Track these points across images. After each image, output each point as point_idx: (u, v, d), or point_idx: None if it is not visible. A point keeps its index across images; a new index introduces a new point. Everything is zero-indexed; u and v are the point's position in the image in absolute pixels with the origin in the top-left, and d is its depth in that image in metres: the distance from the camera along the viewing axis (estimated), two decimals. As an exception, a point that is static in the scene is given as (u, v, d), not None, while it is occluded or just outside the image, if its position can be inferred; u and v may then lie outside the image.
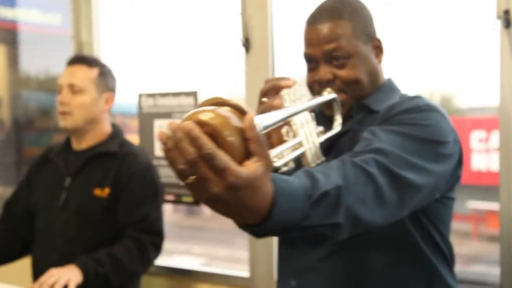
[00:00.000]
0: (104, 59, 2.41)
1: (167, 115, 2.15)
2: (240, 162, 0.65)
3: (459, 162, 1.11)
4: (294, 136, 1.02)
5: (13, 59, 3.38)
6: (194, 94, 2.09)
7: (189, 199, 2.11)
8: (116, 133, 1.85)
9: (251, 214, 0.69)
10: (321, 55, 1.14)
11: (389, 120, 1.08)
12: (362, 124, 1.15)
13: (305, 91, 1.20)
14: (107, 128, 1.84)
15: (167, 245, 1.81)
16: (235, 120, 0.66)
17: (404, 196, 0.95)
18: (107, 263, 1.61)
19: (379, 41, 1.19)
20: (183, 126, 0.62)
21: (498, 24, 1.50)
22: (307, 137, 1.03)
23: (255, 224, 0.72)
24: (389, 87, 1.21)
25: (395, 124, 1.04)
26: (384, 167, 0.92)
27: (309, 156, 1.03)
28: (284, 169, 0.98)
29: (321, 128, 1.10)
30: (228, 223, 0.78)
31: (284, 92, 1.04)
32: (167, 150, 0.63)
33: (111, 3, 2.43)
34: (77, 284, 1.53)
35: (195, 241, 7.69)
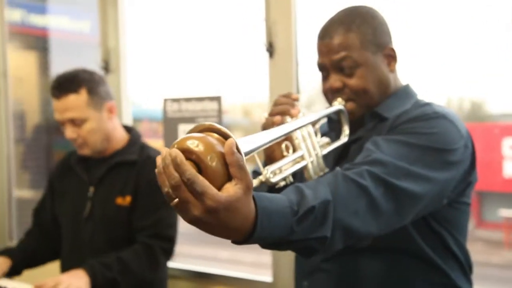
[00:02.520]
0: (131, 65, 2.44)
1: (191, 119, 2.16)
2: (223, 185, 0.71)
3: (471, 167, 1.12)
4: (295, 150, 1.05)
5: (43, 65, 3.47)
6: (218, 99, 2.10)
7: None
8: (135, 138, 1.85)
9: (234, 233, 0.76)
10: (331, 64, 1.18)
11: (396, 129, 1.10)
12: (373, 131, 1.16)
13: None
14: (122, 134, 1.84)
15: (191, 249, 1.81)
16: (219, 147, 0.71)
17: (401, 205, 0.98)
18: (116, 268, 1.62)
19: (392, 49, 1.20)
20: (171, 152, 0.69)
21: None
22: (309, 150, 1.06)
23: (239, 240, 0.79)
24: (405, 93, 1.21)
25: (400, 133, 1.07)
26: (378, 178, 0.96)
27: (311, 169, 1.06)
28: (282, 184, 1.02)
29: (327, 140, 1.14)
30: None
31: None
32: (158, 173, 0.71)
33: (138, 9, 2.47)
34: None
35: (221, 246, 7.63)
